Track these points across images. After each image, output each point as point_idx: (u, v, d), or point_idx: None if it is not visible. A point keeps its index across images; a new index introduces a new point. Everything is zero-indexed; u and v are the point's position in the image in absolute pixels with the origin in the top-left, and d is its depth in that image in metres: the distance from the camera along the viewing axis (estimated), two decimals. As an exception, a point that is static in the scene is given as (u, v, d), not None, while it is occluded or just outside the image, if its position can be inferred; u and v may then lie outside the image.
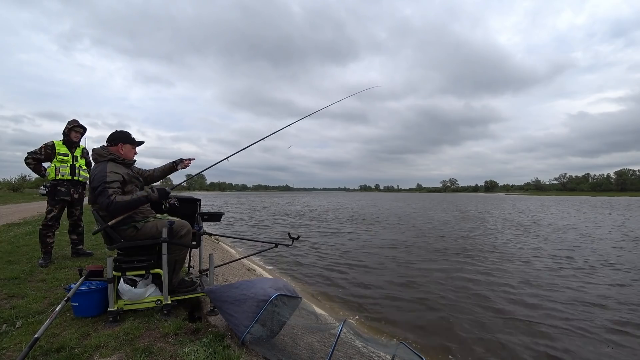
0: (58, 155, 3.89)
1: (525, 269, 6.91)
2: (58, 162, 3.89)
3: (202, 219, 2.98)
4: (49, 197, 3.89)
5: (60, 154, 3.90)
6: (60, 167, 3.89)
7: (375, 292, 5.45)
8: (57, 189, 3.88)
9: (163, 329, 2.17)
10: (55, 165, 3.88)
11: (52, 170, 3.88)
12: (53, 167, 3.88)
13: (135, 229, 2.41)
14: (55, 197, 3.88)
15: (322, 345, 2.56)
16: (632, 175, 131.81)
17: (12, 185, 33.26)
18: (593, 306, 4.80)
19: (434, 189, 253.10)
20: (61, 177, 3.90)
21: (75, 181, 4.03)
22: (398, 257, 7.99)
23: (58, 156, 3.89)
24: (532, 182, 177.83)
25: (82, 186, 4.15)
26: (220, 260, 5.16)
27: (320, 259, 7.79)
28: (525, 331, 4.02)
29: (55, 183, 3.89)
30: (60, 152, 3.90)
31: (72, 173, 3.99)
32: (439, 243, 9.99)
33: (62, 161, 3.91)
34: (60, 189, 3.90)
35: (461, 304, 4.87)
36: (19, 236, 5.75)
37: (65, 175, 3.93)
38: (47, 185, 3.89)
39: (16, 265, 3.73)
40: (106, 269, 2.33)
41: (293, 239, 2.97)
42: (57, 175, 3.88)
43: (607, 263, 7.41)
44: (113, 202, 2.26)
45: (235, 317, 2.06)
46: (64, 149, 3.95)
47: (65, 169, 3.92)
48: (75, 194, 4.05)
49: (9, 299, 2.68)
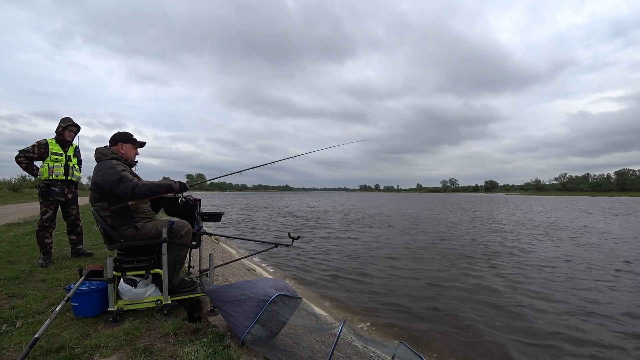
0: (52, 154, 3.77)
1: (548, 274, 6.44)
2: (51, 162, 3.76)
3: (202, 219, 2.98)
4: (41, 197, 3.78)
5: (54, 153, 3.78)
6: (54, 167, 3.77)
7: (376, 292, 5.44)
8: (50, 189, 3.77)
9: (163, 329, 2.17)
10: (48, 164, 3.75)
11: (45, 170, 3.75)
12: (46, 167, 3.75)
13: (135, 229, 2.41)
14: (49, 197, 3.78)
15: (322, 345, 2.56)
16: (632, 175, 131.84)
17: (12, 185, 33.25)
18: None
19: (434, 189, 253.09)
20: (55, 177, 3.79)
21: (68, 181, 3.94)
22: (400, 259, 7.97)
23: (52, 155, 3.77)
24: (532, 182, 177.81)
25: (75, 186, 4.09)
26: (220, 260, 5.16)
27: (320, 260, 7.78)
28: (540, 339, 3.79)
29: (49, 183, 3.78)
30: (54, 152, 3.79)
31: (66, 173, 3.89)
32: (448, 245, 9.77)
33: (56, 161, 3.79)
34: (54, 189, 3.80)
35: (467, 307, 4.77)
36: (19, 236, 5.75)
37: (59, 176, 3.82)
38: (40, 185, 3.78)
39: (16, 265, 3.72)
40: (106, 269, 2.33)
41: (293, 239, 2.98)
42: (50, 175, 3.76)
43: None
44: (137, 184, 2.30)
45: (236, 317, 2.06)
46: (57, 147, 3.83)
47: (59, 168, 3.81)
48: (69, 194, 3.97)
49: (9, 299, 2.68)
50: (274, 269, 6.98)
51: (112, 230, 2.34)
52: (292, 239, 2.98)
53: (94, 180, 2.38)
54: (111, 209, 2.33)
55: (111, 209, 2.33)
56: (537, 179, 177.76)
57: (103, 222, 2.35)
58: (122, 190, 2.27)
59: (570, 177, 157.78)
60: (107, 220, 2.36)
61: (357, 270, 6.80)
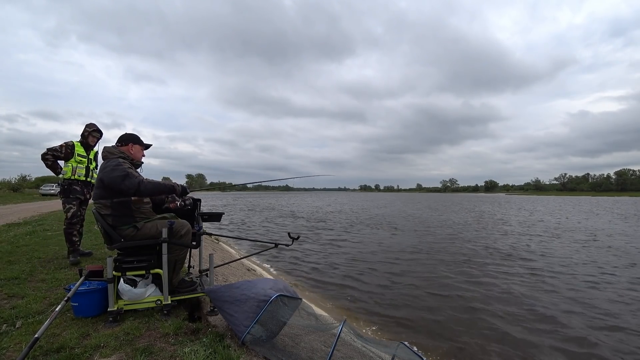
0: (77, 156, 4.03)
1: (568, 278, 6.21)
2: (75, 162, 4.01)
3: (202, 219, 2.98)
4: (63, 195, 3.99)
5: (79, 154, 4.06)
6: (77, 168, 4.03)
7: (376, 293, 5.44)
8: (72, 187, 4.00)
9: (163, 329, 2.17)
10: (72, 165, 4.00)
11: (69, 170, 3.99)
12: (70, 167, 3.99)
13: (135, 228, 2.41)
14: (71, 194, 4.00)
15: (322, 345, 2.56)
16: (632, 175, 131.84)
17: (12, 185, 33.27)
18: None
19: (434, 189, 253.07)
20: (77, 177, 4.03)
21: (88, 182, 4.17)
22: (401, 260, 7.97)
23: (77, 157, 4.03)
24: (532, 182, 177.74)
25: (92, 188, 4.25)
26: (220, 260, 5.16)
27: (321, 260, 7.79)
28: (545, 345, 3.67)
29: (71, 182, 4.01)
30: (79, 153, 4.06)
31: (87, 174, 4.14)
32: (454, 247, 9.62)
33: (80, 162, 4.05)
34: (76, 188, 4.03)
35: (468, 308, 4.75)
36: (19, 236, 5.76)
37: (80, 176, 4.07)
38: (62, 183, 4.01)
39: (16, 265, 3.73)
40: (106, 269, 2.33)
41: (293, 239, 2.97)
42: (73, 174, 4.00)
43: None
44: (143, 181, 2.33)
45: (236, 317, 2.06)
46: (82, 150, 4.11)
47: (82, 169, 4.06)
48: (87, 195, 4.18)
49: (9, 299, 2.68)
50: (274, 269, 6.98)
51: (113, 229, 2.35)
52: (292, 239, 2.98)
53: (99, 177, 2.40)
54: (114, 201, 2.37)
55: (114, 201, 2.37)
56: (537, 179, 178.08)
57: (103, 221, 2.35)
58: (127, 186, 2.30)
59: (570, 177, 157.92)
60: (107, 219, 2.37)
61: (357, 270, 6.79)
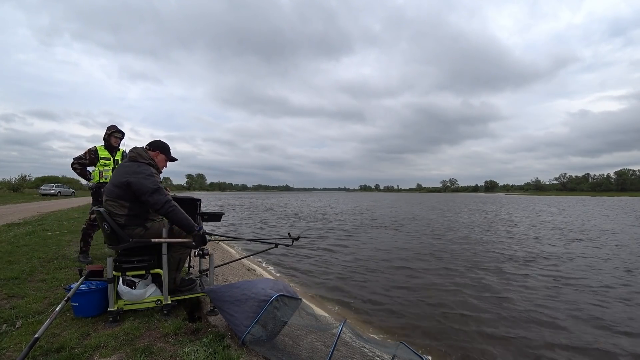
0: (101, 159, 4.13)
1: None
2: (101, 166, 4.13)
3: (202, 219, 2.99)
4: (93, 198, 4.14)
5: (102, 158, 4.15)
6: (104, 171, 4.12)
7: (376, 294, 5.42)
8: (100, 191, 4.05)
9: (163, 329, 2.17)
10: (98, 169, 4.11)
11: (96, 174, 4.11)
12: (97, 171, 4.11)
13: (145, 228, 2.43)
14: (99, 198, 4.06)
15: (322, 345, 2.56)
16: (632, 175, 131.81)
17: (12, 185, 33.26)
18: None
19: (434, 189, 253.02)
20: (105, 180, 4.09)
21: None
22: (402, 260, 7.96)
23: (101, 160, 4.13)
24: (532, 182, 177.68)
25: None
26: (220, 260, 5.16)
27: (321, 260, 7.78)
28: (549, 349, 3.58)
29: (99, 185, 4.09)
30: (102, 157, 4.15)
31: None
32: (461, 249, 9.61)
33: (105, 165, 4.15)
34: (103, 191, 4.06)
35: (470, 310, 4.71)
36: (19, 236, 5.76)
37: (108, 179, 4.13)
38: (92, 186, 4.13)
39: (16, 265, 3.73)
40: (106, 269, 2.33)
41: (293, 239, 2.98)
42: (100, 178, 4.10)
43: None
44: (169, 201, 2.33)
45: (236, 317, 2.06)
46: (105, 153, 4.19)
47: (108, 172, 4.13)
48: None
49: (9, 299, 2.68)
50: (274, 269, 6.98)
51: (121, 229, 2.33)
52: (292, 239, 2.98)
53: (126, 180, 2.32)
54: (133, 202, 2.36)
55: (134, 201, 2.36)
56: (537, 179, 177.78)
57: (112, 221, 2.33)
58: (154, 199, 2.30)
59: (570, 177, 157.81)
60: (118, 219, 2.34)
61: (358, 271, 6.79)
